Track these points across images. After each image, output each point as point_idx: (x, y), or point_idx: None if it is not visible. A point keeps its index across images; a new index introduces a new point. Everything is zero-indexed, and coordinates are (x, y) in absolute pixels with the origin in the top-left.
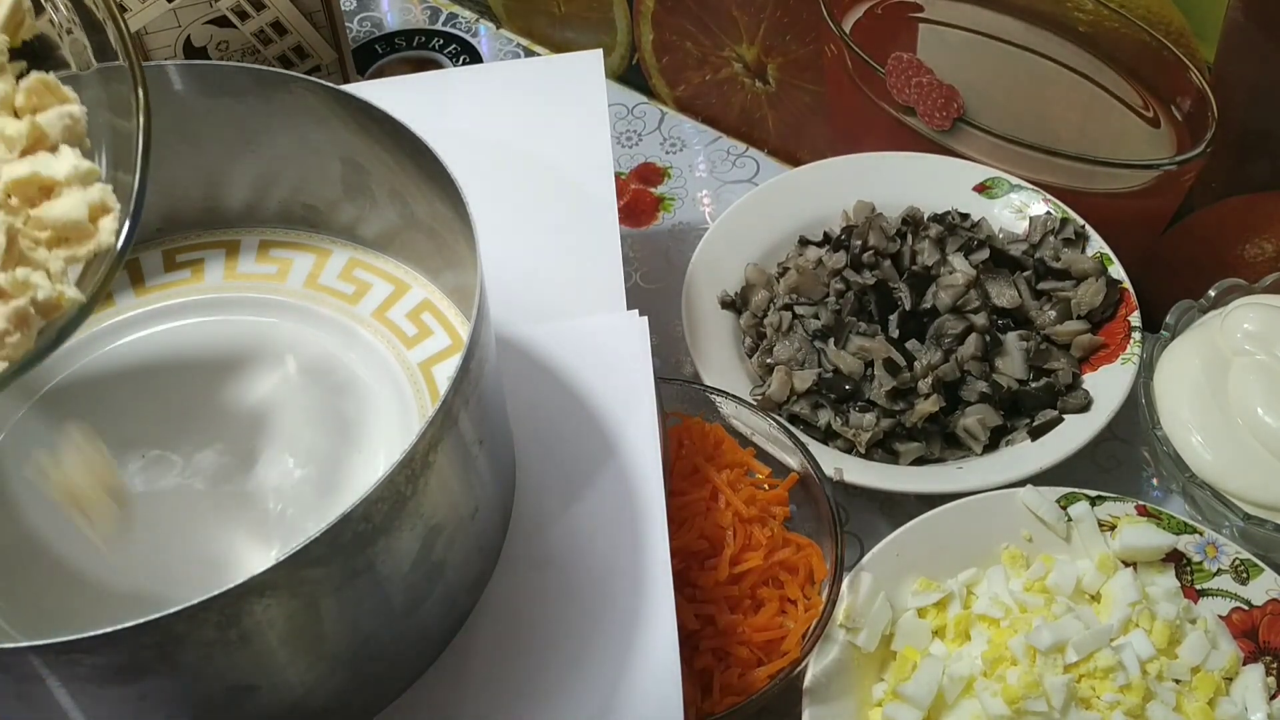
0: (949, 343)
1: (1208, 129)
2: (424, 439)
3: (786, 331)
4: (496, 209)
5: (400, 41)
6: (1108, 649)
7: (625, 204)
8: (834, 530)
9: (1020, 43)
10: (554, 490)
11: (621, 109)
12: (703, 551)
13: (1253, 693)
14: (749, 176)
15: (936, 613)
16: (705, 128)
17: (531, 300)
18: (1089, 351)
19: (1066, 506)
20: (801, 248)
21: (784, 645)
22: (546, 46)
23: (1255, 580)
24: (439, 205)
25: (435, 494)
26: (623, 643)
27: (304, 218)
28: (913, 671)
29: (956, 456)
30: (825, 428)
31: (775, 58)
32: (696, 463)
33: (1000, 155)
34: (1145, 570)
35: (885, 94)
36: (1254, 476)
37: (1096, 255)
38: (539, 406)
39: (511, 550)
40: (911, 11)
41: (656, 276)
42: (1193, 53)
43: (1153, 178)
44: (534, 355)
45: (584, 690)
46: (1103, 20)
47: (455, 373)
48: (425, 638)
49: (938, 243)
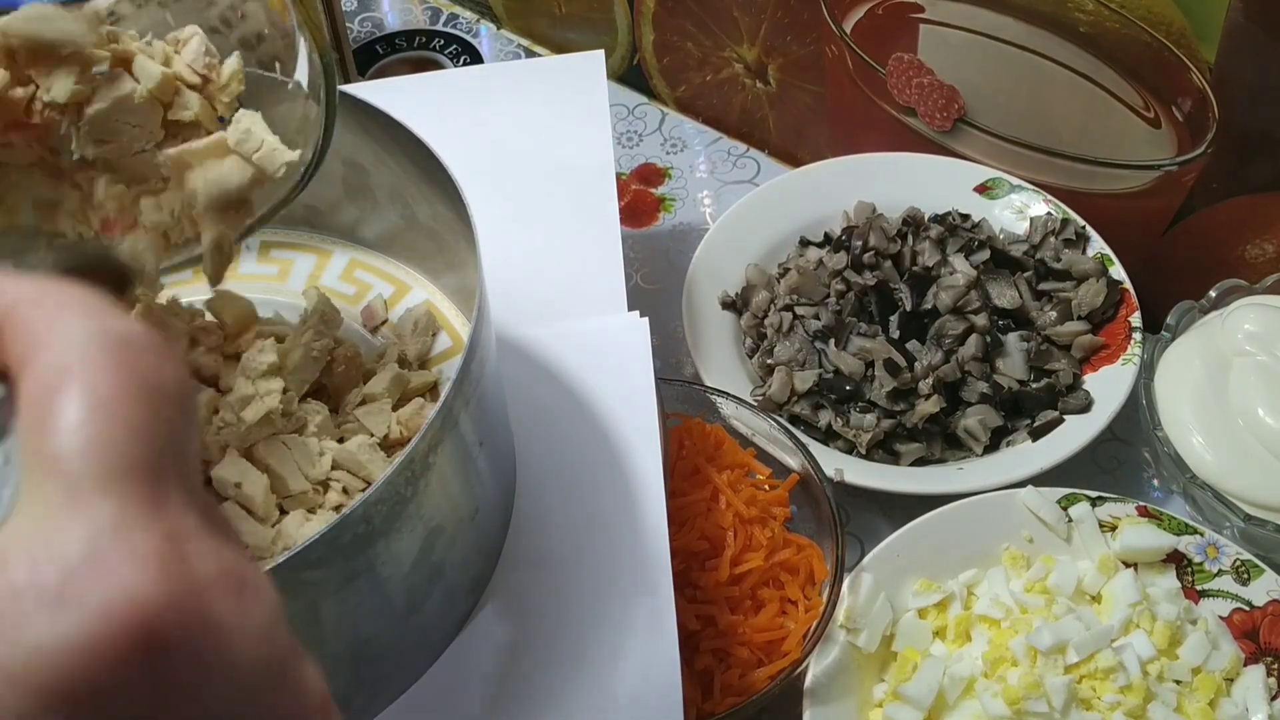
0: (950, 343)
1: (1208, 130)
2: (424, 439)
3: (787, 332)
4: (497, 210)
5: (401, 42)
6: (1108, 650)
7: (626, 204)
8: (834, 531)
9: (1021, 43)
10: (554, 490)
11: (622, 109)
12: (703, 552)
13: (1253, 693)
14: (750, 177)
15: (937, 613)
16: (706, 128)
17: (532, 301)
18: (1090, 352)
19: (1067, 507)
20: (802, 248)
21: (784, 646)
22: (547, 47)
23: (1256, 581)
24: (440, 206)
25: (435, 495)
26: (623, 643)
27: (305, 218)
28: (913, 672)
29: (957, 457)
30: (826, 428)
31: (776, 58)
32: (697, 463)
33: (1001, 156)
34: (1146, 571)
35: (886, 94)
36: (1254, 477)
37: (1097, 256)
38: (539, 407)
39: (511, 551)
40: (912, 12)
41: (657, 277)
42: (1194, 53)
43: (1153, 178)
44: (535, 356)
45: (584, 691)
46: (1104, 21)
47: (456, 373)
48: (425, 639)
49: (938, 243)
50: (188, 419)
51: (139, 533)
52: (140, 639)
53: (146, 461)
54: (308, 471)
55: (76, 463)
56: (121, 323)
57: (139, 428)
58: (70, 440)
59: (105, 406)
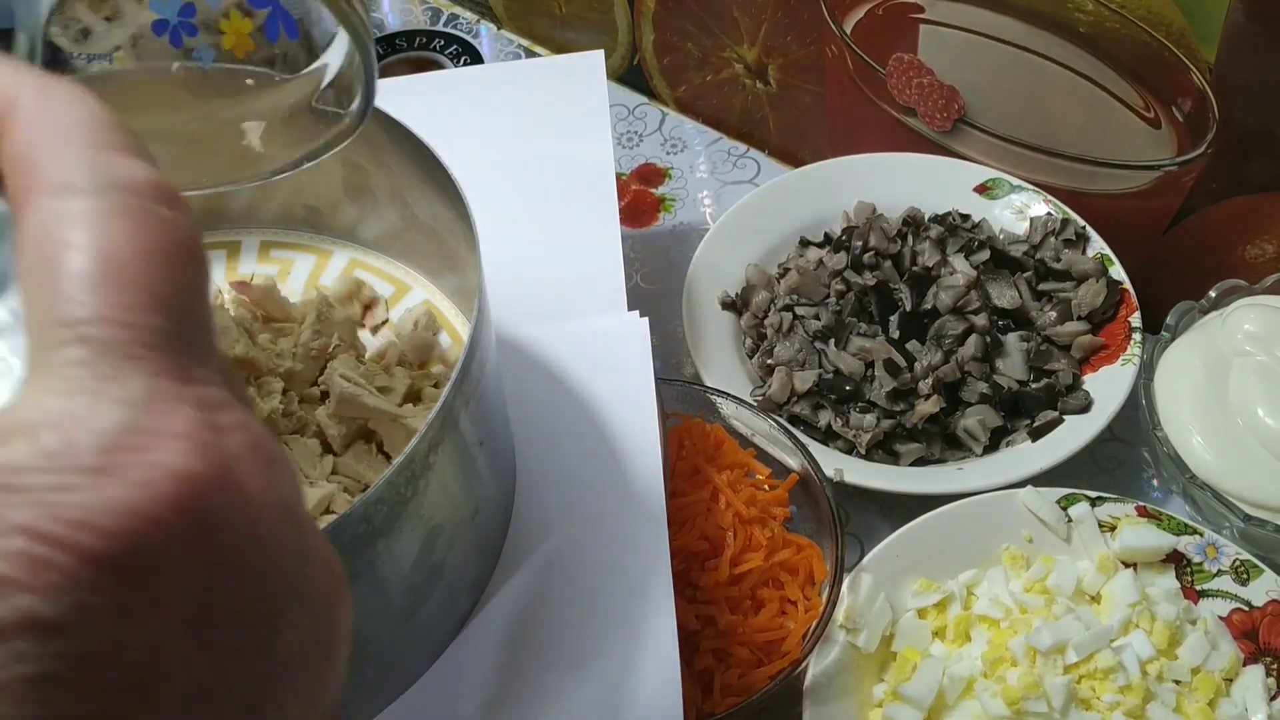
0: (949, 344)
1: (1208, 130)
2: (424, 440)
3: (787, 332)
4: (497, 210)
5: (401, 42)
6: (1108, 650)
7: (626, 205)
8: (834, 531)
9: (1021, 44)
10: (554, 490)
11: (622, 109)
12: (703, 552)
13: (1253, 694)
14: (750, 177)
15: (937, 613)
16: (706, 128)
17: (532, 301)
18: (1089, 352)
19: (1067, 507)
20: (802, 248)
21: (784, 646)
22: (547, 47)
23: (1255, 581)
24: (440, 206)
25: (435, 495)
26: (623, 643)
27: (305, 218)
28: (913, 672)
29: (957, 457)
30: (826, 428)
31: (776, 59)
32: (697, 463)
33: (1001, 156)
34: (1145, 571)
35: (886, 95)
36: (1254, 477)
37: (1097, 256)
38: (539, 407)
39: (511, 551)
40: (912, 12)
41: (657, 277)
42: (1194, 53)
43: (1153, 178)
44: (535, 356)
45: (584, 691)
46: (1103, 21)
47: (455, 373)
48: (425, 639)
49: (938, 243)
50: (204, 278)
51: (173, 404)
52: (186, 511)
53: (170, 329)
54: (308, 472)
55: (97, 331)
56: (132, 165)
57: (159, 293)
58: (86, 305)
59: (123, 268)
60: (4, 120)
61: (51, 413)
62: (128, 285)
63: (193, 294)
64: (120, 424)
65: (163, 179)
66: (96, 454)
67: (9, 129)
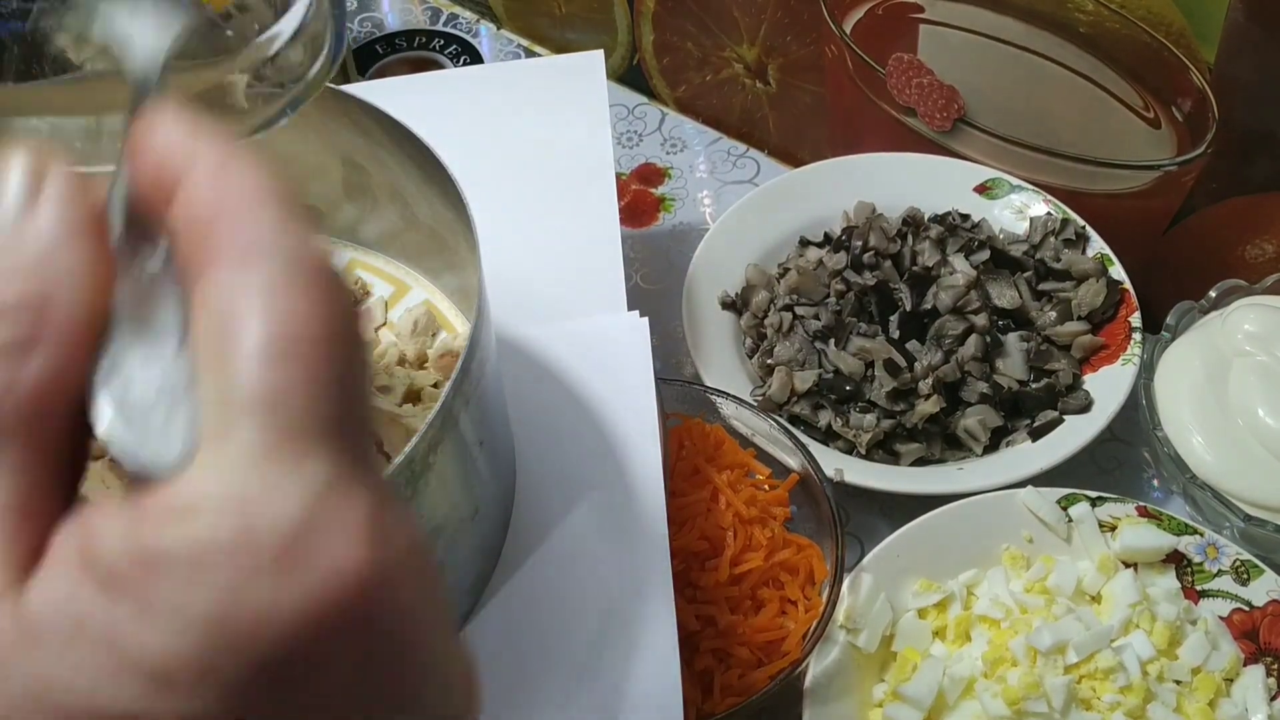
0: (949, 343)
1: (1208, 130)
2: (424, 440)
3: (787, 332)
4: (497, 210)
5: (401, 42)
6: (1108, 650)
7: (626, 204)
8: (834, 531)
9: (1021, 44)
10: (554, 490)
11: (622, 109)
12: (703, 552)
13: (1253, 694)
14: (749, 177)
15: (937, 614)
16: (706, 128)
17: (532, 301)
18: (1089, 352)
19: (1067, 507)
20: (802, 248)
21: (784, 646)
22: (547, 47)
23: (1256, 581)
24: (439, 206)
25: (435, 495)
26: (623, 643)
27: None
28: (913, 672)
29: (957, 457)
30: (826, 428)
31: (776, 58)
32: (697, 463)
33: (1001, 156)
34: (1146, 571)
35: (886, 95)
36: (1254, 477)
37: (1097, 256)
38: (539, 407)
39: (511, 551)
40: (912, 12)
41: (657, 277)
42: (1193, 53)
43: (1153, 178)
44: (534, 356)
45: (584, 691)
46: (1103, 21)
47: (455, 373)
48: None
49: (938, 243)
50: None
51: (352, 497)
52: (355, 612)
53: (343, 414)
54: None
55: (279, 410)
56: (313, 240)
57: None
58: (267, 381)
59: (305, 346)
60: (178, 182)
61: (226, 492)
62: (309, 363)
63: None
64: (302, 513)
65: (331, 257)
66: (281, 547)
67: (184, 193)
